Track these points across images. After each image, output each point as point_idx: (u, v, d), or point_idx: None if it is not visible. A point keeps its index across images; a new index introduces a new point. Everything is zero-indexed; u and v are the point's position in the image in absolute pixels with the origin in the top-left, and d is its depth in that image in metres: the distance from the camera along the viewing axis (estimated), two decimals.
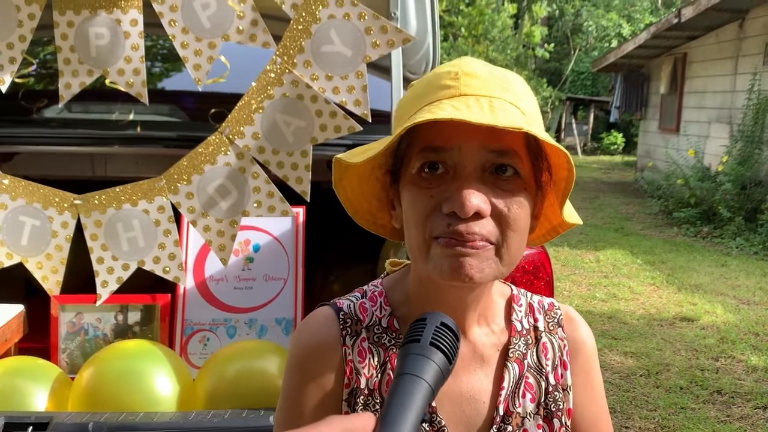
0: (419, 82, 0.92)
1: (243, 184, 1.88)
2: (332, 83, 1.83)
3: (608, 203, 11.29)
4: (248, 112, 1.86)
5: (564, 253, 7.47)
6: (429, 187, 0.85)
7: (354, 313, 0.97)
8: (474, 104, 0.82)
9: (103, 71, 1.91)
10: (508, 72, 0.91)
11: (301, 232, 2.17)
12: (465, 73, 0.86)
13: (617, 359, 4.45)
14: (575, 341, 1.03)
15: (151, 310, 2.00)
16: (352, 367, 0.94)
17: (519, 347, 0.98)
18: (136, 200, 1.89)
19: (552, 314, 1.04)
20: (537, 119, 0.89)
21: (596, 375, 1.05)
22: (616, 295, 5.93)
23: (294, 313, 2.10)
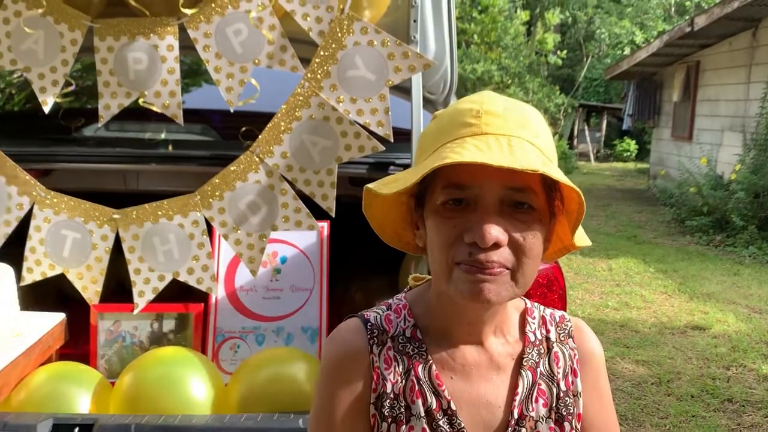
0: (443, 115, 1.03)
1: (272, 200, 2.00)
2: (357, 106, 1.95)
3: (621, 211, 11.34)
4: (277, 132, 1.98)
5: (576, 262, 7.55)
6: (452, 217, 0.95)
7: (380, 324, 1.07)
8: (494, 144, 0.92)
9: (140, 93, 2.04)
10: (525, 107, 1.01)
11: (326, 245, 2.28)
12: (486, 111, 0.96)
13: (629, 367, 4.53)
14: (585, 351, 1.12)
15: (184, 318, 2.13)
16: (379, 374, 1.03)
17: (532, 356, 1.08)
18: (171, 215, 2.02)
19: (563, 326, 1.14)
20: (552, 153, 0.99)
21: (604, 382, 1.14)
22: (628, 303, 6.00)
23: (319, 322, 2.22)
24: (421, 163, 1.01)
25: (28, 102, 3.17)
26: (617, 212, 11.22)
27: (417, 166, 1.00)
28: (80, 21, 2.01)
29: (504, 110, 0.96)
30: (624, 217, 10.70)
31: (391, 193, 0.98)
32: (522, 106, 1.00)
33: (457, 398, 1.03)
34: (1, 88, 3.16)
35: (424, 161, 0.99)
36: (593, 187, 14.72)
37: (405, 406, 1.03)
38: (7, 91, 3.20)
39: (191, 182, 2.12)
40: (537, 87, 18.43)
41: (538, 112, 1.02)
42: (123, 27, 2.01)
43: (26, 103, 3.19)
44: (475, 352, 1.05)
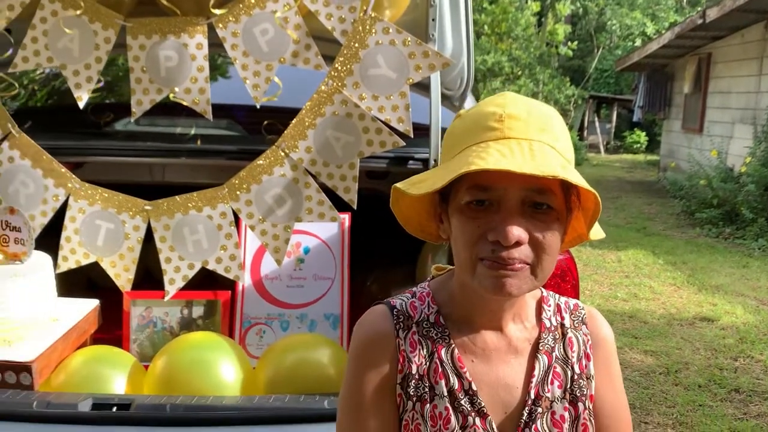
0: (467, 117, 1.10)
1: (297, 192, 2.10)
2: (378, 102, 2.03)
3: (630, 203, 11.39)
4: (302, 128, 2.07)
5: (586, 253, 7.62)
6: (476, 217, 1.03)
7: (405, 310, 1.16)
8: (517, 149, 0.99)
9: (171, 89, 2.13)
10: (546, 109, 1.07)
11: (347, 236, 2.39)
12: (508, 115, 1.03)
13: (637, 357, 4.61)
14: (597, 337, 1.20)
15: (213, 305, 2.23)
16: (404, 356, 1.12)
17: (548, 341, 1.16)
18: (201, 206, 2.12)
19: (577, 313, 1.22)
20: (570, 155, 1.07)
21: (615, 366, 1.23)
22: (637, 294, 6.08)
23: (341, 310, 2.32)
24: (447, 161, 1.08)
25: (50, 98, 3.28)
26: (627, 204, 11.27)
27: (444, 167, 1.07)
28: (113, 20, 2.11)
29: (527, 114, 1.03)
30: (634, 209, 10.75)
31: (420, 194, 1.07)
32: (543, 109, 1.06)
33: (478, 380, 1.11)
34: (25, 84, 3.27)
35: (450, 161, 1.06)
36: (603, 178, 14.76)
37: (429, 386, 1.11)
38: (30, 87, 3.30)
39: (219, 176, 2.21)
40: (547, 78, 18.42)
41: (557, 114, 1.09)
42: (155, 26, 2.10)
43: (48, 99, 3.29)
44: (495, 337, 1.13)
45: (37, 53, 2.11)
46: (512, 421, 1.11)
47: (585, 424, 1.14)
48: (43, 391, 1.82)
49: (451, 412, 1.09)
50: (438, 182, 1.02)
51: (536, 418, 1.11)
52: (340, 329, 2.31)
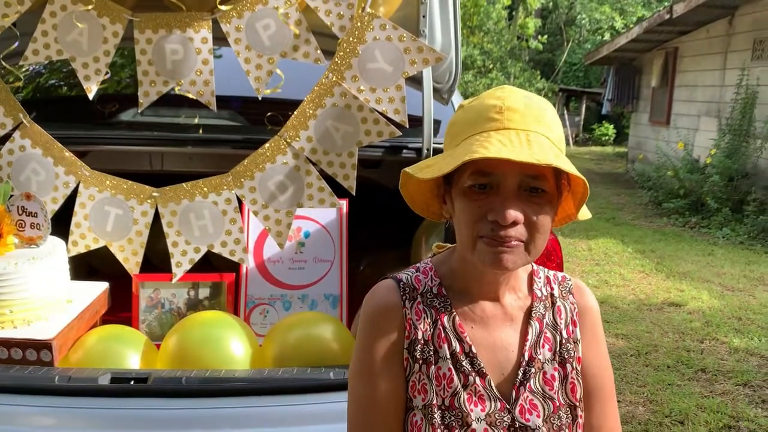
0: (470, 108, 1.21)
1: (298, 180, 2.22)
2: (376, 95, 2.16)
3: (600, 194, 11.61)
4: (304, 118, 2.19)
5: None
6: (478, 199, 1.16)
7: (411, 283, 1.28)
8: (515, 139, 1.11)
9: (177, 82, 2.23)
10: (541, 101, 1.19)
11: (345, 221, 2.51)
12: (507, 107, 1.15)
13: (609, 341, 4.77)
14: (583, 305, 1.33)
15: (218, 286, 2.35)
16: (411, 323, 1.24)
17: (539, 309, 1.29)
18: (206, 193, 2.23)
19: (565, 284, 1.35)
20: (561, 143, 1.19)
21: (600, 332, 1.35)
22: (607, 281, 6.25)
23: (340, 290, 2.46)
24: (452, 149, 1.20)
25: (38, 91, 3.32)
26: (596, 195, 11.48)
27: (449, 153, 1.19)
28: (121, 15, 2.20)
29: (524, 107, 1.15)
30: (603, 200, 10.97)
31: (427, 178, 1.19)
32: (538, 101, 1.18)
33: (477, 344, 1.24)
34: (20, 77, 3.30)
35: (455, 149, 1.18)
36: None
37: (433, 350, 1.23)
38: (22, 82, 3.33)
39: (222, 164, 2.32)
40: (518, 71, 18.66)
41: (551, 106, 1.21)
42: (161, 21, 2.20)
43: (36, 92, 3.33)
44: (492, 306, 1.26)
45: (47, 46, 2.20)
46: (508, 380, 1.24)
47: (573, 382, 1.27)
48: (63, 367, 1.91)
49: (453, 373, 1.21)
50: (445, 168, 1.14)
51: (530, 377, 1.24)
52: (339, 308, 2.44)
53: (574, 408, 1.27)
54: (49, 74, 3.21)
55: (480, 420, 1.20)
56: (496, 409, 1.21)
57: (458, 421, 1.20)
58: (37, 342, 1.90)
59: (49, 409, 1.76)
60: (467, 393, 1.21)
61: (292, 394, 1.82)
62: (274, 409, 1.80)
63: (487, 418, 1.20)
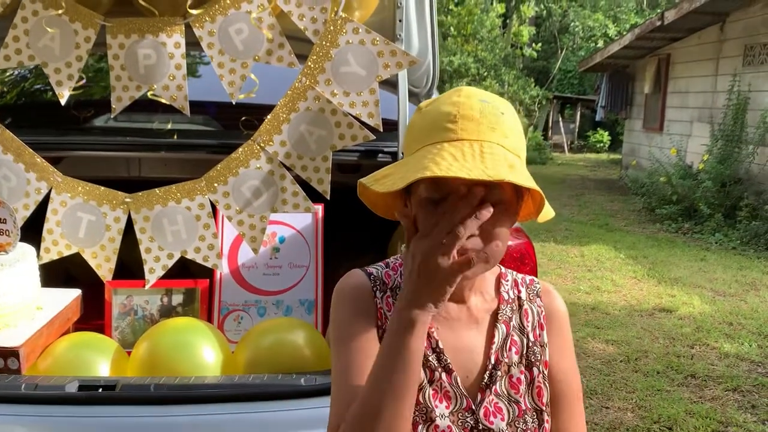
0: (426, 114, 1.18)
1: (272, 184, 2.20)
2: (349, 98, 2.15)
3: (593, 200, 11.65)
4: (277, 123, 2.18)
5: (550, 248, 7.80)
6: (433, 211, 1.12)
7: (381, 277, 1.27)
8: (468, 151, 1.09)
9: (149, 87, 2.22)
10: (499, 104, 1.16)
11: (321, 226, 2.50)
12: (462, 116, 1.12)
13: (599, 346, 4.77)
14: (550, 309, 1.33)
15: (192, 292, 2.33)
16: (382, 313, 1.23)
17: (506, 312, 1.28)
18: (180, 198, 2.21)
19: (532, 287, 1.34)
20: (520, 148, 1.16)
21: (567, 336, 1.34)
22: (599, 287, 6.26)
23: (315, 296, 2.44)
24: (408, 156, 1.18)
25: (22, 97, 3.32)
26: (590, 201, 11.52)
27: (405, 162, 1.17)
28: (93, 20, 2.19)
29: (479, 114, 1.13)
30: (596, 206, 11.00)
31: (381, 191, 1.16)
32: (495, 106, 1.16)
33: (443, 344, 1.22)
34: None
35: (411, 157, 1.15)
36: (567, 177, 15.05)
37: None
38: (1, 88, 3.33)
39: (196, 169, 2.31)
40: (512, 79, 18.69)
41: (510, 108, 1.18)
42: (134, 25, 2.19)
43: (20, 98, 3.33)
44: (457, 308, 1.25)
45: (18, 51, 2.18)
46: (475, 382, 1.23)
47: (539, 386, 1.26)
48: (30, 375, 1.89)
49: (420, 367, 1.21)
50: (398, 183, 1.11)
51: (496, 380, 1.23)
52: (314, 314, 2.42)
53: (540, 412, 1.26)
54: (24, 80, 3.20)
55: (444, 417, 1.19)
56: (461, 407, 1.20)
57: (422, 416, 1.19)
58: (4, 349, 1.88)
59: (15, 417, 1.74)
60: (433, 389, 1.20)
61: (262, 401, 1.80)
62: (245, 416, 1.78)
63: (451, 416, 1.20)
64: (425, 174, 1.06)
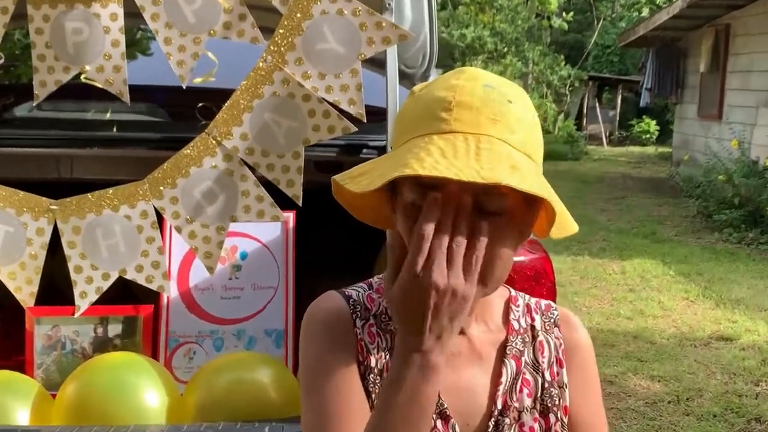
0: (419, 98, 1.17)
1: (231, 187, 2.19)
2: (325, 82, 2.14)
3: (638, 204, 11.65)
4: (236, 112, 2.17)
5: (584, 263, 7.80)
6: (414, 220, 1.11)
7: (362, 301, 1.26)
8: (461, 146, 1.06)
9: (80, 68, 2.22)
10: (507, 90, 1.14)
11: (292, 239, 2.49)
12: (458, 103, 1.10)
13: (643, 384, 4.76)
14: (571, 341, 1.32)
15: (132, 321, 2.31)
16: (363, 346, 1.22)
17: (516, 345, 1.27)
18: (117, 205, 2.20)
19: (549, 315, 1.33)
20: (532, 146, 1.13)
21: (592, 376, 1.34)
22: (643, 311, 6.25)
23: (285, 324, 2.43)
24: (395, 150, 1.18)
25: None
26: (633, 205, 11.52)
27: (388, 157, 1.16)
28: None
29: (480, 102, 1.10)
30: (641, 211, 11.00)
31: (357, 191, 1.13)
32: (502, 92, 1.13)
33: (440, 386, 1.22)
34: None
35: (396, 151, 1.14)
36: (605, 175, 15.06)
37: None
38: None
39: (138, 169, 2.30)
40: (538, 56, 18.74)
41: (523, 98, 1.16)
42: None
43: None
44: (457, 340, 1.22)
45: None
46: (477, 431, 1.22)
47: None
48: None
49: None
50: (375, 181, 1.09)
51: (503, 429, 1.22)
52: (284, 347, 2.41)
53: None
54: None
55: None
56: None
57: None
58: None
59: None
60: None
61: None
62: None
63: None
64: (404, 172, 1.04)
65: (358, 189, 1.13)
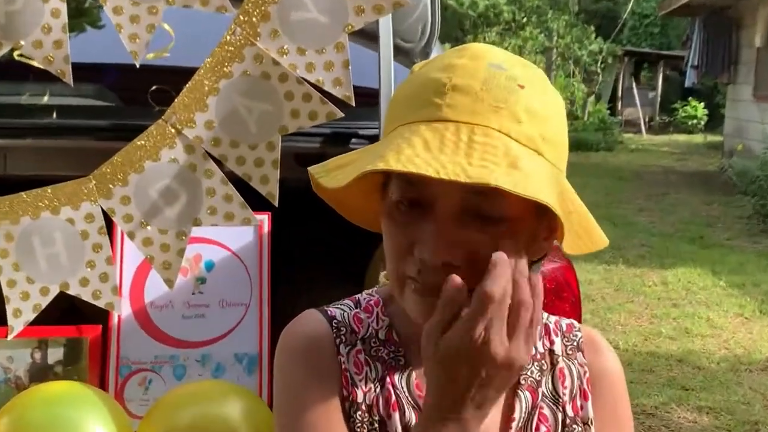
0: (416, 77, 1.18)
1: (194, 185, 2.18)
2: (306, 58, 2.13)
3: (682, 202, 11.68)
4: (200, 95, 2.15)
5: (618, 273, 7.81)
6: (405, 222, 1.13)
7: (348, 322, 1.27)
8: (450, 139, 1.05)
9: (14, 43, 2.20)
10: (522, 73, 1.13)
11: (267, 246, 2.47)
12: (454, 86, 1.10)
13: (688, 417, 4.78)
14: (598, 368, 1.32)
15: (76, 345, 2.30)
16: (348, 377, 1.23)
17: (532, 373, 1.28)
18: (58, 207, 2.19)
19: (571, 336, 1.34)
20: (544, 140, 1.11)
21: (623, 409, 1.34)
22: (689, 330, 6.26)
23: (259, 348, 2.41)
24: (385, 137, 1.18)
25: None
26: (677, 204, 11.54)
27: (368, 152, 1.17)
28: None
29: (481, 84, 1.10)
30: (686, 211, 11.03)
31: (330, 187, 1.16)
32: (513, 75, 1.12)
33: None
34: None
35: (378, 144, 1.16)
36: (644, 169, 15.09)
37: (379, 420, 1.22)
38: None
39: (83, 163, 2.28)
40: (564, 28, 18.75)
41: (538, 80, 1.15)
42: None
43: None
44: None
45: None
46: None
47: None
48: None
49: None
50: (349, 175, 1.11)
51: None
52: (258, 374, 2.40)
53: None
54: None
55: None
56: None
57: None
58: None
59: None
60: None
61: None
62: None
63: None
64: (377, 166, 1.04)
65: (332, 184, 1.16)
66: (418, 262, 1.11)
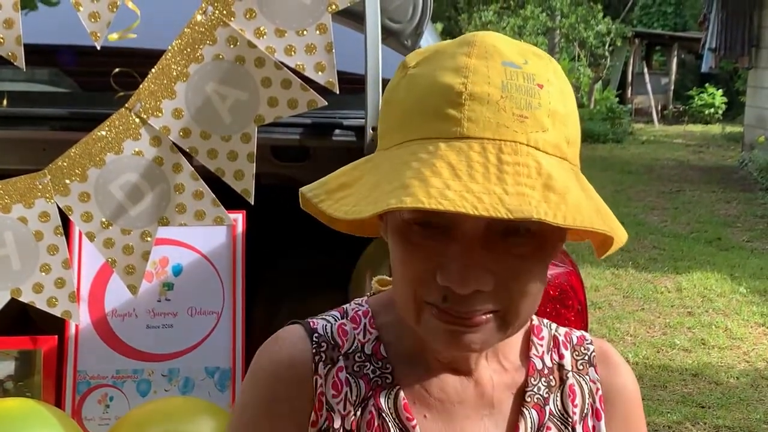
0: (419, 78, 1.14)
1: (160, 180, 2.18)
2: (285, 41, 2.13)
3: (698, 200, 11.70)
4: (167, 81, 2.16)
5: (628, 278, 7.82)
6: (422, 244, 1.11)
7: (331, 336, 1.27)
8: (478, 160, 1.04)
9: None
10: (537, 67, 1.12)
11: (241, 248, 2.48)
12: (471, 95, 1.07)
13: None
14: (612, 385, 1.33)
15: (29, 358, 2.30)
16: (323, 402, 1.22)
17: (539, 389, 1.28)
18: (8, 204, 2.18)
19: (582, 350, 1.34)
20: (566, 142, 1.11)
21: (638, 429, 1.36)
22: (705, 341, 6.28)
23: (232, 361, 2.42)
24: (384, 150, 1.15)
25: None
26: (693, 202, 11.57)
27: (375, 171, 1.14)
28: None
29: (500, 91, 1.08)
30: (703, 210, 11.05)
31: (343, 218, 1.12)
32: (529, 72, 1.11)
33: None
34: None
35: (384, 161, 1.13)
36: (656, 163, 15.13)
37: None
38: None
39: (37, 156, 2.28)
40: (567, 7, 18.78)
41: (553, 72, 1.14)
42: None
43: None
44: (460, 382, 1.25)
45: None
46: None
47: None
48: None
49: None
50: (366, 208, 1.07)
51: None
52: (231, 390, 2.40)
53: None
54: None
55: None
56: None
57: None
58: None
59: None
60: None
61: None
62: None
63: None
64: (404, 202, 1.02)
65: (343, 215, 1.12)
66: (442, 290, 1.10)
